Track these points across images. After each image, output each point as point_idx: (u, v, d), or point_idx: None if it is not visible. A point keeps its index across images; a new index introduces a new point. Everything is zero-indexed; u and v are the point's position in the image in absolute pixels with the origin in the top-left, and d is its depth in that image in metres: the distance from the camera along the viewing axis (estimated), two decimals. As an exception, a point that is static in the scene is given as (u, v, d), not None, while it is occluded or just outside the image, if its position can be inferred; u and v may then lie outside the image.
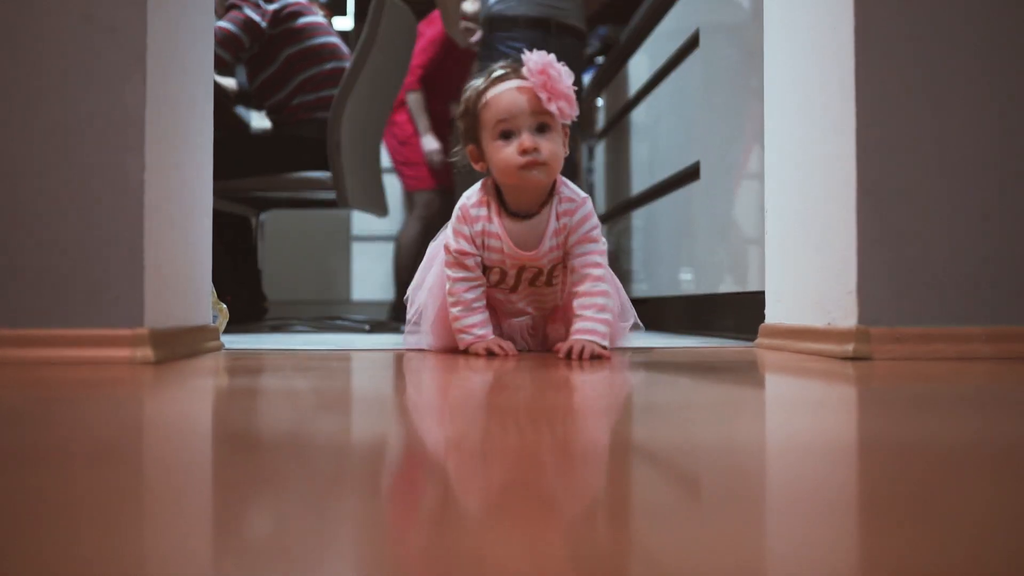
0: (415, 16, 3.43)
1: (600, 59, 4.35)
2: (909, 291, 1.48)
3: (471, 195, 1.68)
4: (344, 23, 5.33)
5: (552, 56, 1.54)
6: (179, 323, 1.56)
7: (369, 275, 5.24)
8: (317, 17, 3.23)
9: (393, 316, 4.26)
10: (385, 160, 4.26)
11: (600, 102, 4.07)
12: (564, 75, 1.53)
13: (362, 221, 5.17)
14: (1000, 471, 0.60)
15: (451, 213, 1.72)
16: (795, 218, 1.73)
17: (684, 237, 2.76)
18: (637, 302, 1.98)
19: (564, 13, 3.10)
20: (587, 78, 4.02)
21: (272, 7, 3.09)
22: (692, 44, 2.63)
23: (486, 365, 1.36)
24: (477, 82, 1.63)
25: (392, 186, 4.43)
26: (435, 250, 1.78)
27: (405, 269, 4.18)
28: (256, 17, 3.03)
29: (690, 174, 2.65)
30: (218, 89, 2.70)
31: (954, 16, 1.50)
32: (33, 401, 0.98)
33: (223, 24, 2.95)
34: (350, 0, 5.44)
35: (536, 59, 1.53)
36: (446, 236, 1.70)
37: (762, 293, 1.91)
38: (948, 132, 1.49)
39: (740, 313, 2.37)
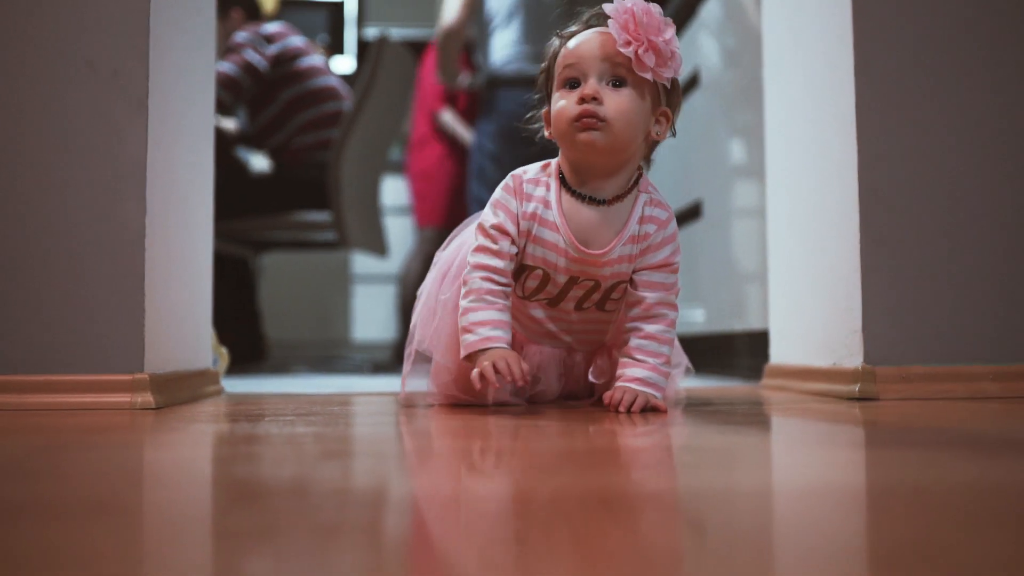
0: (415, 59, 3.46)
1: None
2: (915, 330, 1.47)
3: (529, 168, 1.33)
4: (343, 64, 5.36)
5: (654, 6, 1.22)
6: (180, 368, 1.55)
7: (370, 315, 5.23)
8: (316, 59, 3.25)
9: (399, 357, 4.24)
10: (387, 199, 4.27)
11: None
12: (659, 24, 1.21)
13: (362, 261, 5.18)
14: (1010, 515, 0.59)
15: None
16: (798, 257, 1.72)
17: (687, 276, 2.75)
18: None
19: None
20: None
21: (272, 50, 3.11)
22: (692, 83, 2.65)
23: (494, 408, 1.34)
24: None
25: (393, 226, 4.43)
26: (446, 262, 1.42)
27: (409, 307, 4.16)
28: (256, 59, 3.05)
29: (692, 213, 2.65)
30: (218, 131, 2.71)
31: (957, 53, 1.50)
32: (32, 448, 0.97)
33: (223, 67, 2.97)
34: (349, 41, 5.48)
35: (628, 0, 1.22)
36: (477, 221, 1.34)
37: (767, 332, 1.90)
38: (952, 169, 1.49)
39: (745, 353, 2.36)
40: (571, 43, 1.27)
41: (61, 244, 1.39)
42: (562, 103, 1.25)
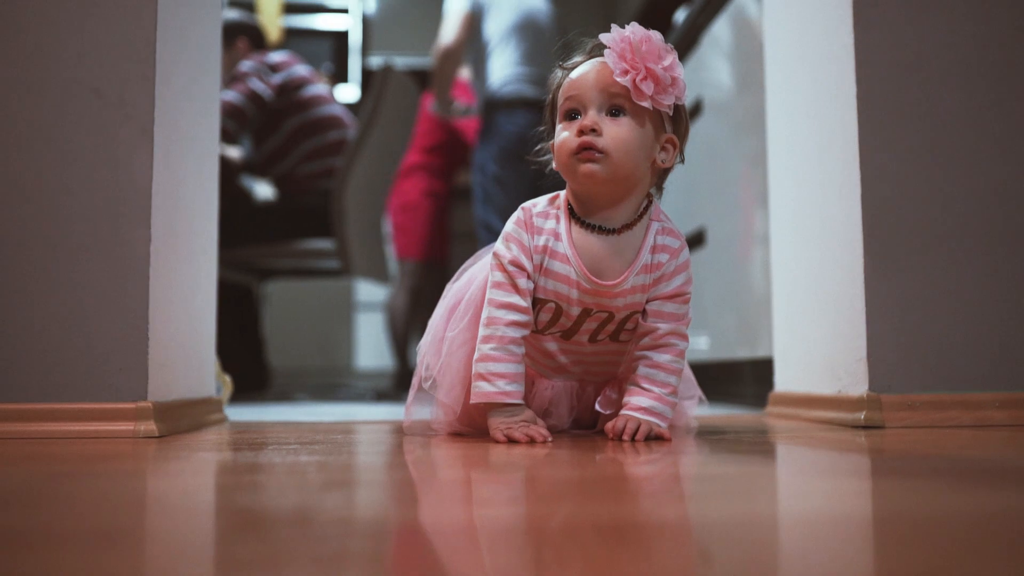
0: (418, 88, 3.47)
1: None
2: (920, 357, 1.46)
3: (538, 200, 1.33)
4: (348, 92, 5.39)
5: (654, 33, 1.22)
6: (183, 396, 1.55)
7: (373, 343, 5.23)
8: (321, 88, 3.27)
9: (401, 385, 4.23)
10: (390, 227, 4.27)
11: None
12: (658, 51, 1.20)
13: (365, 289, 5.18)
14: (1015, 544, 0.59)
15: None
16: (802, 284, 1.72)
17: (691, 303, 2.75)
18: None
19: None
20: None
21: (277, 79, 3.12)
22: (695, 112, 2.65)
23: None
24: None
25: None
26: (455, 296, 1.40)
27: (401, 339, 4.16)
28: (261, 88, 3.07)
29: (696, 240, 2.65)
30: (222, 159, 2.72)
31: (960, 78, 1.50)
32: (35, 477, 0.96)
33: (229, 96, 2.98)
34: (354, 70, 5.51)
35: (625, 28, 1.22)
36: (493, 248, 1.33)
37: (771, 360, 1.90)
38: (955, 195, 1.49)
39: (749, 380, 2.35)
40: (572, 74, 1.27)
41: (65, 271, 1.39)
42: (564, 135, 1.25)
